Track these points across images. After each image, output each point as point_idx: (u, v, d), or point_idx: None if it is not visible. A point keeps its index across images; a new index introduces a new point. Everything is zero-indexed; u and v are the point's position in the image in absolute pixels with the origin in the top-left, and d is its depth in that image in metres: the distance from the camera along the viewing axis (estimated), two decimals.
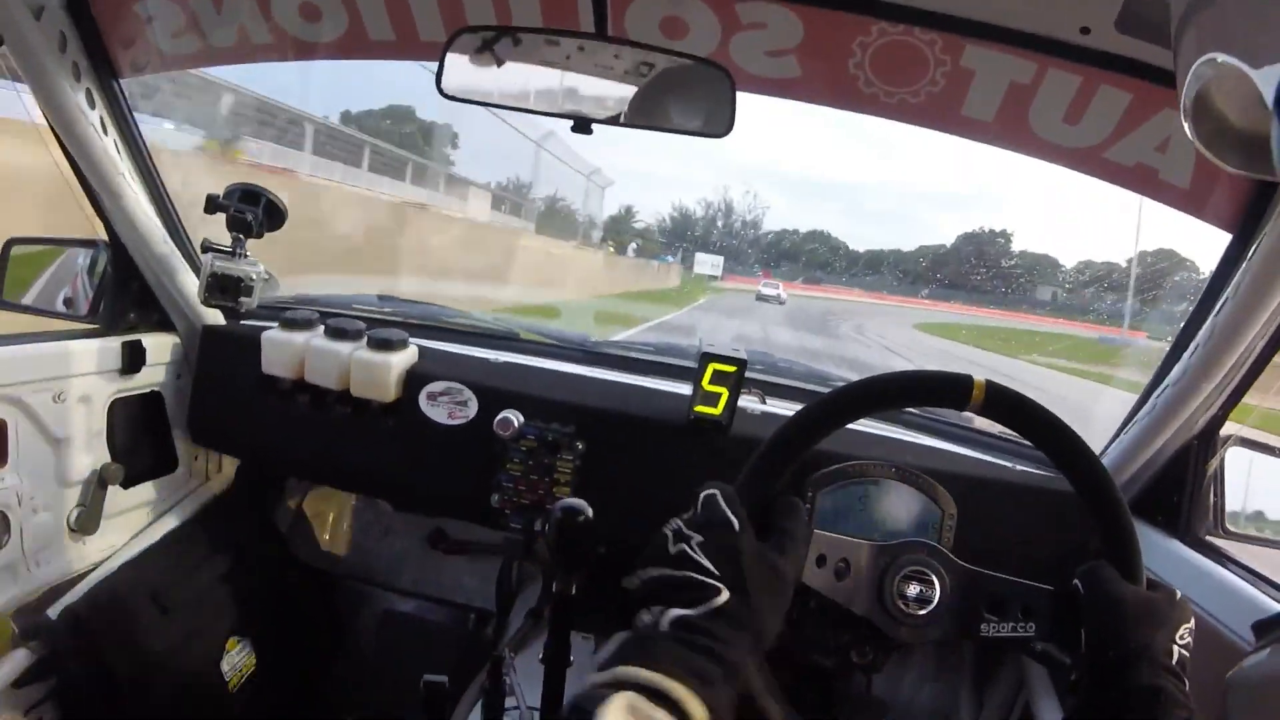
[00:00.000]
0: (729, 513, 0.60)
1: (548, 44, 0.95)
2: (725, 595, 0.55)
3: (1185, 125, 0.39)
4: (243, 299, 1.11)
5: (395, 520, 1.44)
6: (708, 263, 19.71)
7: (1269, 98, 0.30)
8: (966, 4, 0.95)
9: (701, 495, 0.62)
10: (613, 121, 0.93)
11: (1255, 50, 0.32)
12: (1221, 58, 0.34)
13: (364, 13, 1.05)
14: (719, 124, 0.92)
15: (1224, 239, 1.06)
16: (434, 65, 0.93)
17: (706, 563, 0.56)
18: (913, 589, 0.78)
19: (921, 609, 0.78)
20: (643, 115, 0.93)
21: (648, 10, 0.98)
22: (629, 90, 0.94)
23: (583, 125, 0.93)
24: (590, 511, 0.96)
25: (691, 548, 0.57)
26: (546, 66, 0.95)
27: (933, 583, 0.78)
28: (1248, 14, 0.34)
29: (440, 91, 0.93)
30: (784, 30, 0.98)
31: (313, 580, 1.48)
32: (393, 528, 1.45)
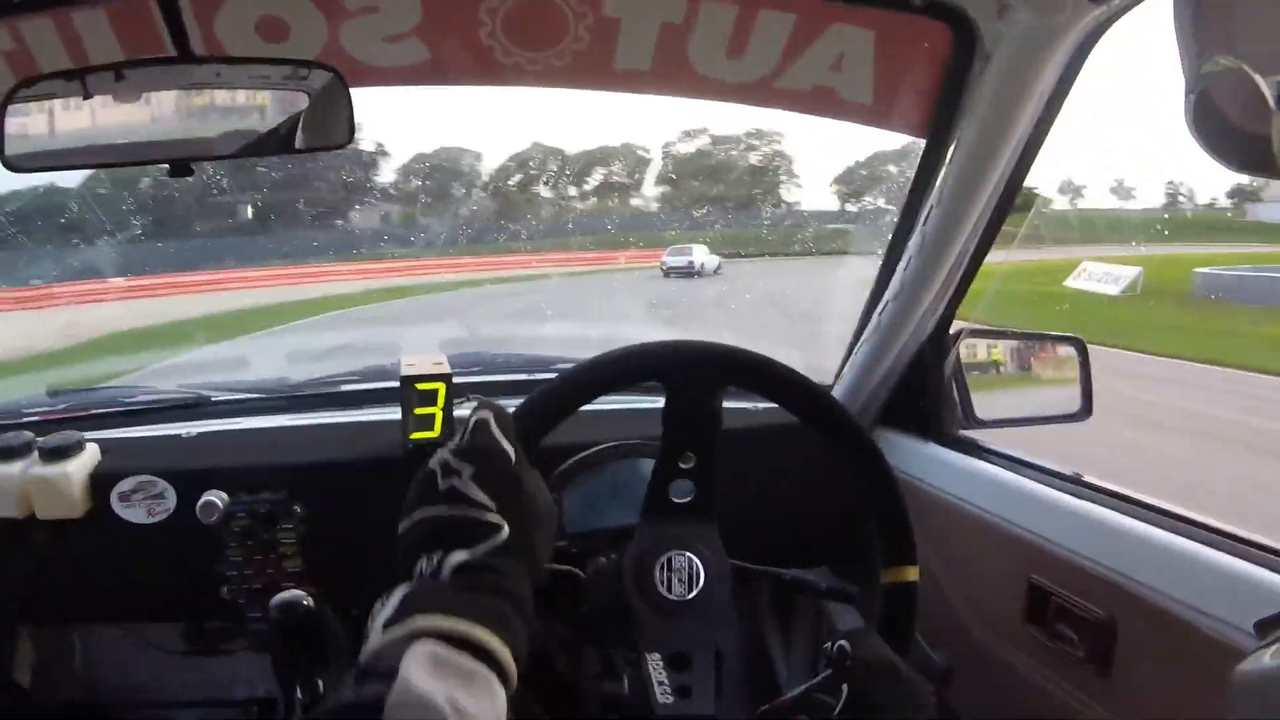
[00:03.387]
0: (502, 440, 0.55)
1: (128, 80, 0.83)
2: (506, 531, 0.52)
3: (1187, 124, 0.40)
4: None
5: (143, 630, 1.32)
6: None
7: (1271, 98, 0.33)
8: None
9: (472, 419, 0.57)
10: (215, 156, 0.83)
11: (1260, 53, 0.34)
12: (1226, 57, 0.36)
13: None
14: (337, 132, 0.83)
15: None
16: None
17: (482, 497, 0.52)
18: (679, 561, 0.75)
19: (689, 592, 0.75)
20: (247, 141, 0.83)
21: (238, 16, 0.86)
22: (229, 117, 0.83)
23: (181, 168, 0.82)
24: (308, 600, 0.89)
25: (464, 481, 0.53)
26: (134, 106, 0.83)
27: (694, 564, 0.75)
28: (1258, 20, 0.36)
29: (7, 165, 0.80)
30: (400, 10, 0.88)
31: None
32: (143, 638, 1.28)
